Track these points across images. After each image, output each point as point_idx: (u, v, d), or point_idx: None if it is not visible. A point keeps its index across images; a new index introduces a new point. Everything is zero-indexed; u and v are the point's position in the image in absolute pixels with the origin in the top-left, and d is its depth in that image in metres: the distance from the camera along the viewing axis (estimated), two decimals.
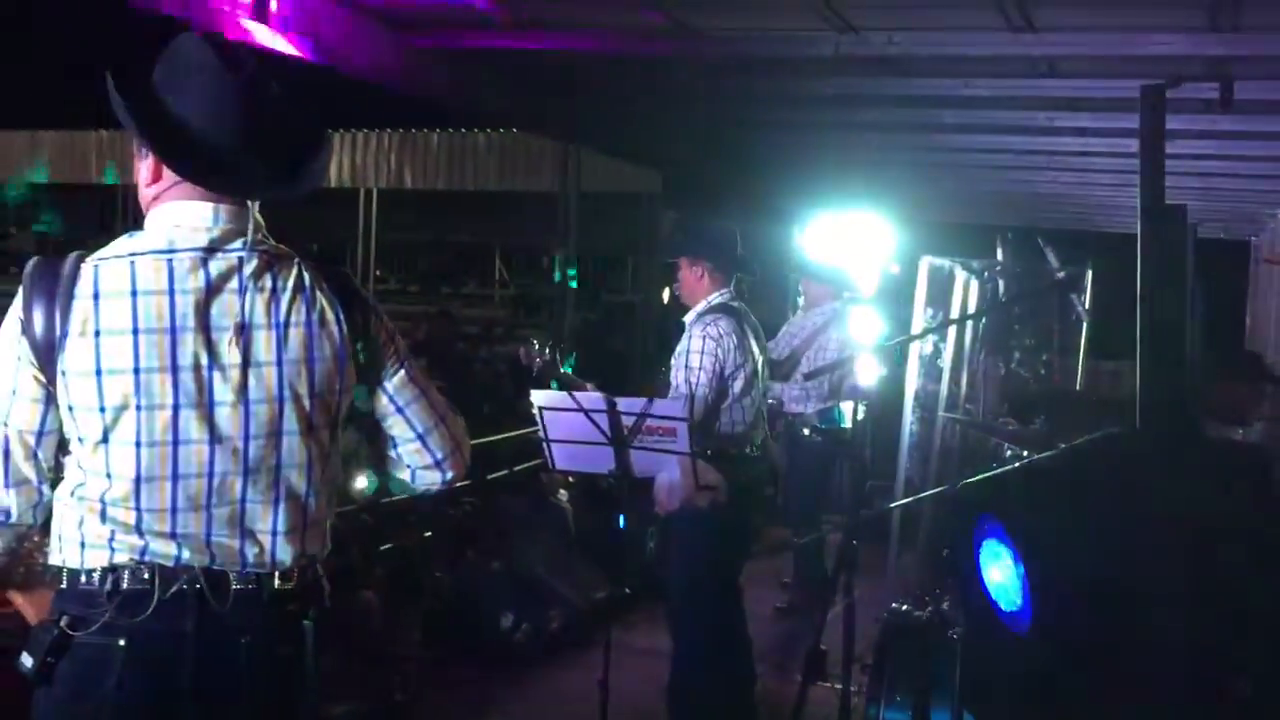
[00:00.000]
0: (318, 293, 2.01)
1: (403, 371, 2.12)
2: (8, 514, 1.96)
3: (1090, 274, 6.89)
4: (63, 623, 1.90)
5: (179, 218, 1.97)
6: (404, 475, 2.17)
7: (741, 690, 4.63)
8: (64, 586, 1.93)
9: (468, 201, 17.87)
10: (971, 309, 5.59)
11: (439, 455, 2.15)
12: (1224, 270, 11.20)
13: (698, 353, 4.22)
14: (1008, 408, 5.23)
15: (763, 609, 5.71)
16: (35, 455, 1.94)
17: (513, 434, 10.32)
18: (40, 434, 1.93)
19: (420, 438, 2.13)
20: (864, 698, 3.84)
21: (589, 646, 3.97)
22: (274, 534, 1.97)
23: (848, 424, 5.28)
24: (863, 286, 5.96)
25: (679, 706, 4.45)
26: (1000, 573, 1.78)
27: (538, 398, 3.84)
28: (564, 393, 3.85)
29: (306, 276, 2.01)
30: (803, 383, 5.27)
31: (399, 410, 2.11)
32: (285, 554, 1.99)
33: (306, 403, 1.98)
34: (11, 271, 20.30)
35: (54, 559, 1.97)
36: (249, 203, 1.99)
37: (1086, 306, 6.24)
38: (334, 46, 5.78)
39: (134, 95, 1.95)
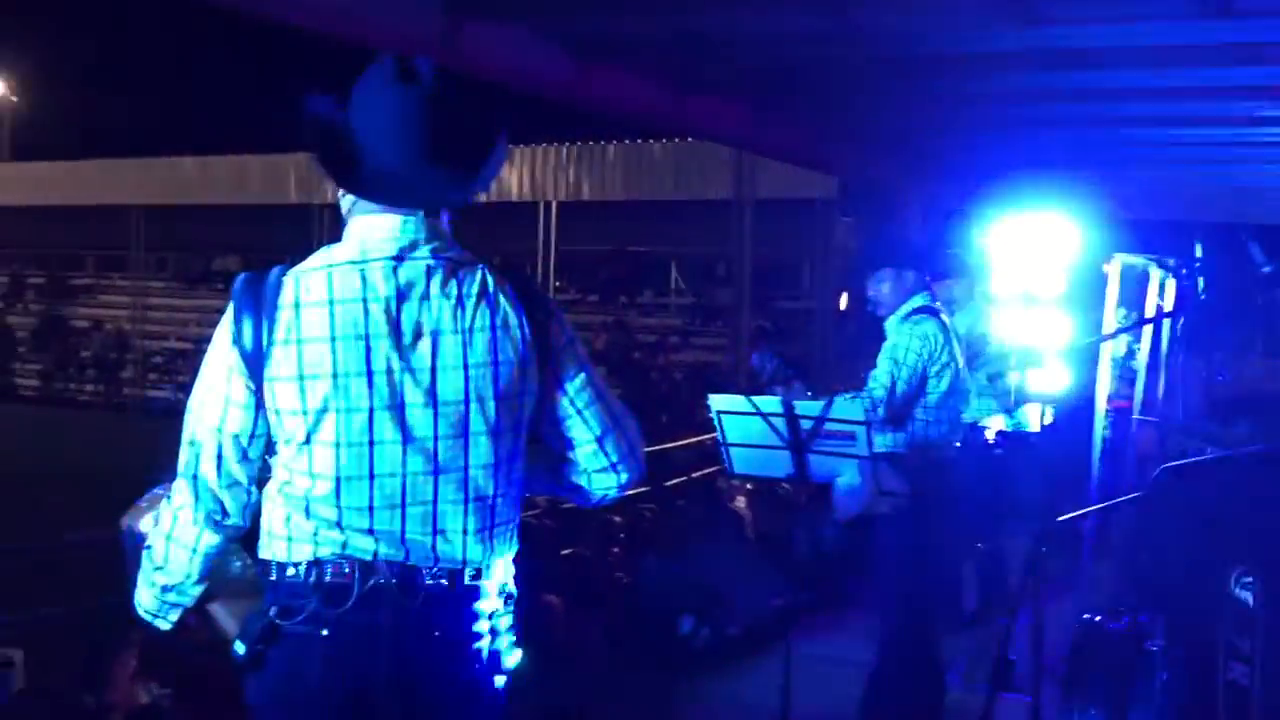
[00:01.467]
0: (501, 298, 2.06)
1: (582, 374, 2.14)
2: (224, 513, 2.07)
3: None
4: (271, 613, 2.00)
5: (370, 229, 2.05)
6: (580, 480, 2.19)
7: (933, 701, 4.53)
8: (273, 578, 2.03)
9: (644, 211, 18.08)
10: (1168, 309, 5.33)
11: (615, 458, 2.16)
12: None
13: (904, 348, 4.18)
14: (1210, 411, 4.96)
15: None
16: (246, 458, 2.04)
17: (690, 440, 10.42)
18: (251, 437, 2.03)
19: (598, 440, 2.15)
20: (1056, 710, 3.70)
21: (767, 653, 3.95)
22: (465, 532, 2.03)
23: (1032, 428, 5.08)
24: (1046, 288, 5.75)
25: (875, 713, 4.37)
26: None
27: (716, 402, 3.85)
28: (742, 396, 3.85)
29: (490, 282, 2.06)
30: (984, 385, 5.10)
31: (578, 412, 2.14)
32: (475, 552, 2.04)
33: (492, 405, 2.03)
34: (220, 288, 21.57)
35: (263, 554, 2.07)
36: (436, 211, 2.07)
37: None
38: (515, 68, 5.98)
39: (320, 122, 2.05)
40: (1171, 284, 5.44)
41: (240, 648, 2.03)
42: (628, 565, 6.27)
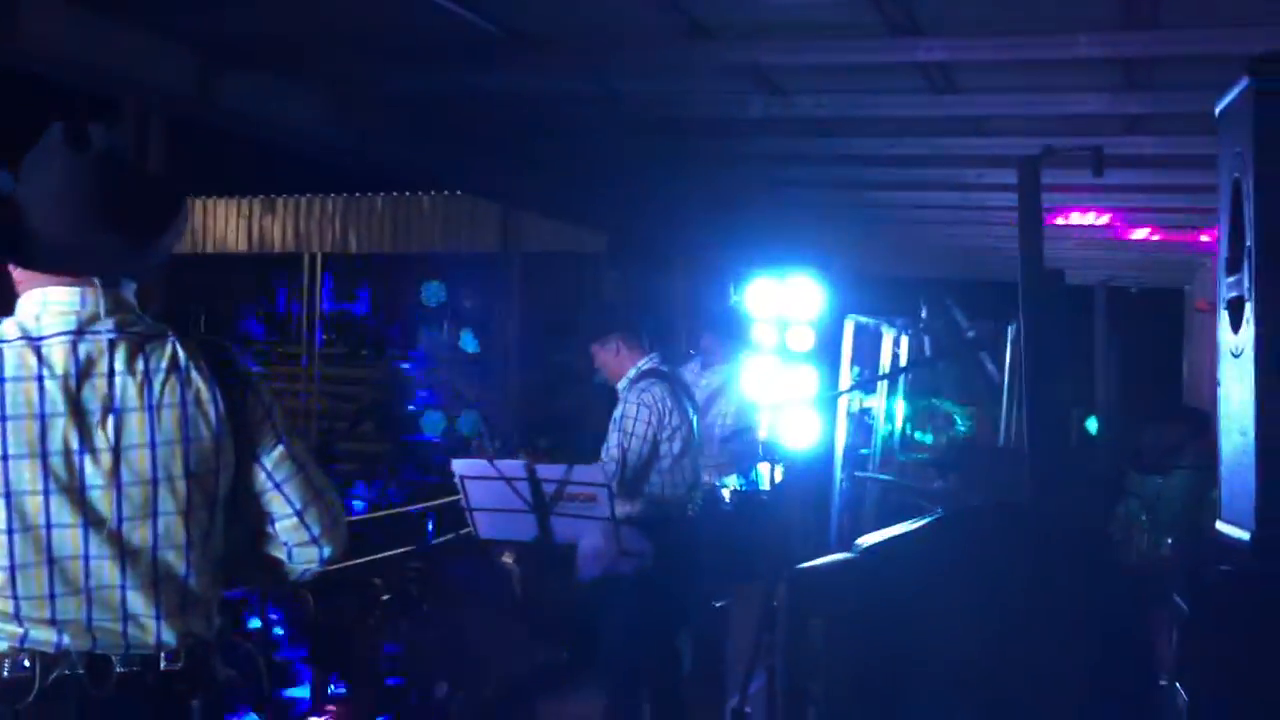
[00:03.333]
0: (193, 371, 2.00)
1: (281, 447, 2.09)
2: None
3: (1016, 329, 7.00)
4: None
5: (45, 302, 1.96)
6: (279, 554, 2.12)
7: None
8: None
9: (414, 264, 17.87)
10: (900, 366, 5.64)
11: (316, 531, 2.11)
12: (1160, 320, 11.39)
13: (631, 418, 4.25)
14: (929, 464, 5.26)
15: None
16: None
17: (455, 498, 10.30)
18: None
19: (298, 514, 2.09)
20: None
21: (520, 715, 3.92)
22: (156, 617, 1.95)
23: (765, 486, 5.25)
24: (797, 343, 5.98)
25: None
26: None
27: (458, 466, 3.83)
28: (484, 461, 3.84)
29: (181, 355, 2.00)
30: (719, 447, 5.24)
31: (276, 486, 2.08)
32: (169, 635, 1.97)
33: (182, 484, 1.97)
34: None
35: None
36: (114, 282, 1.99)
37: (1009, 360, 6.32)
38: (272, 118, 5.82)
39: None
40: (905, 341, 5.76)
41: None
42: (387, 629, 6.11)
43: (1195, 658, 1.85)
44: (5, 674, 1.88)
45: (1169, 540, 4.26)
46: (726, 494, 5.33)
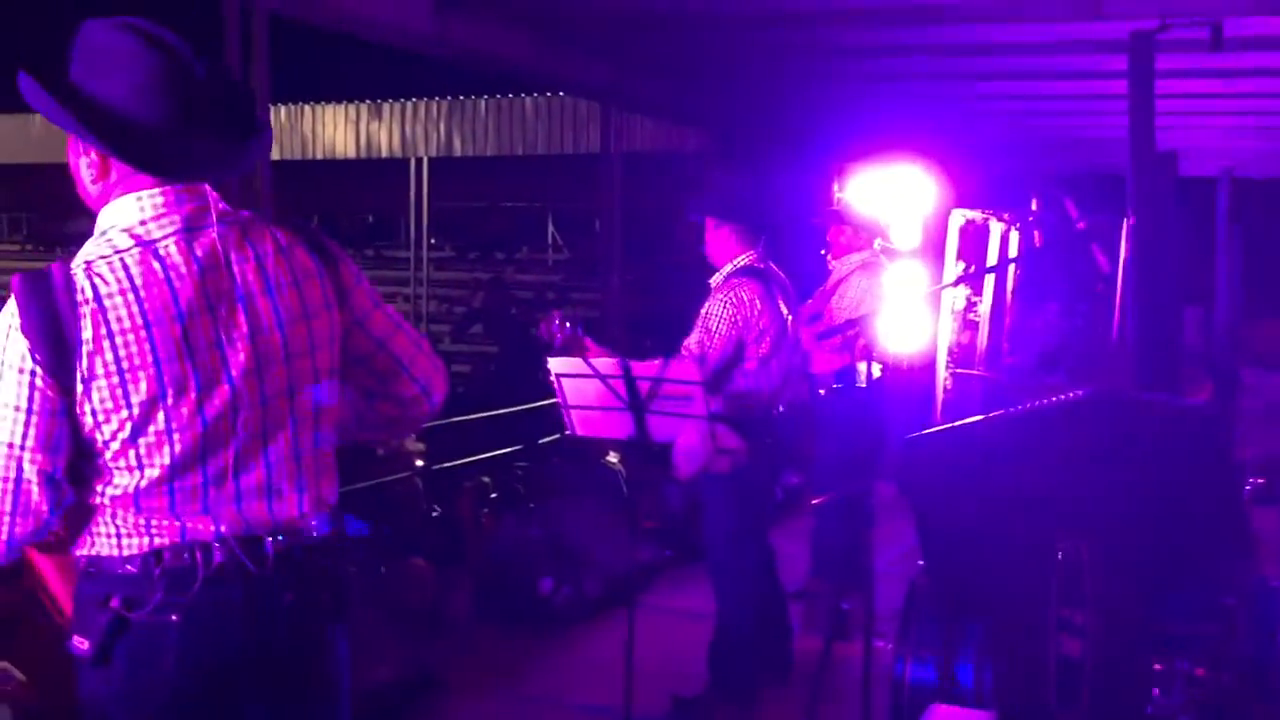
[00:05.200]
0: (295, 251, 2.05)
1: (379, 310, 2.17)
2: (12, 545, 1.94)
3: (1128, 222, 6.69)
4: (114, 604, 1.92)
5: (142, 207, 1.96)
6: (393, 411, 2.21)
7: (778, 649, 4.63)
8: (100, 572, 1.96)
9: (517, 166, 17.87)
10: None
11: (423, 382, 2.21)
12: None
13: (717, 317, 4.20)
14: (1037, 362, 5.11)
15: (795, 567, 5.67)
16: (51, 479, 1.91)
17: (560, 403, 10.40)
18: (56, 451, 1.90)
19: (405, 369, 2.18)
20: (891, 656, 3.80)
21: (631, 610, 3.99)
22: (299, 490, 2.04)
23: (862, 384, 5.15)
24: (904, 239, 5.82)
25: (717, 666, 4.47)
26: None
27: (555, 365, 3.84)
28: (580, 359, 3.84)
29: (280, 237, 2.04)
30: (817, 343, 5.14)
31: (381, 346, 2.16)
32: (309, 505, 2.05)
33: (310, 358, 2.04)
34: None
35: (82, 550, 1.98)
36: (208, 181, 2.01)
37: (1123, 254, 6.05)
38: (373, 18, 5.82)
39: (61, 92, 1.92)
40: (1014, 236, 5.58)
41: (82, 644, 1.94)
42: (497, 526, 6.25)
43: None
44: (168, 566, 1.94)
45: None
46: (822, 392, 5.26)
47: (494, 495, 7.00)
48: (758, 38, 6.87)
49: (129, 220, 1.95)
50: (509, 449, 8.03)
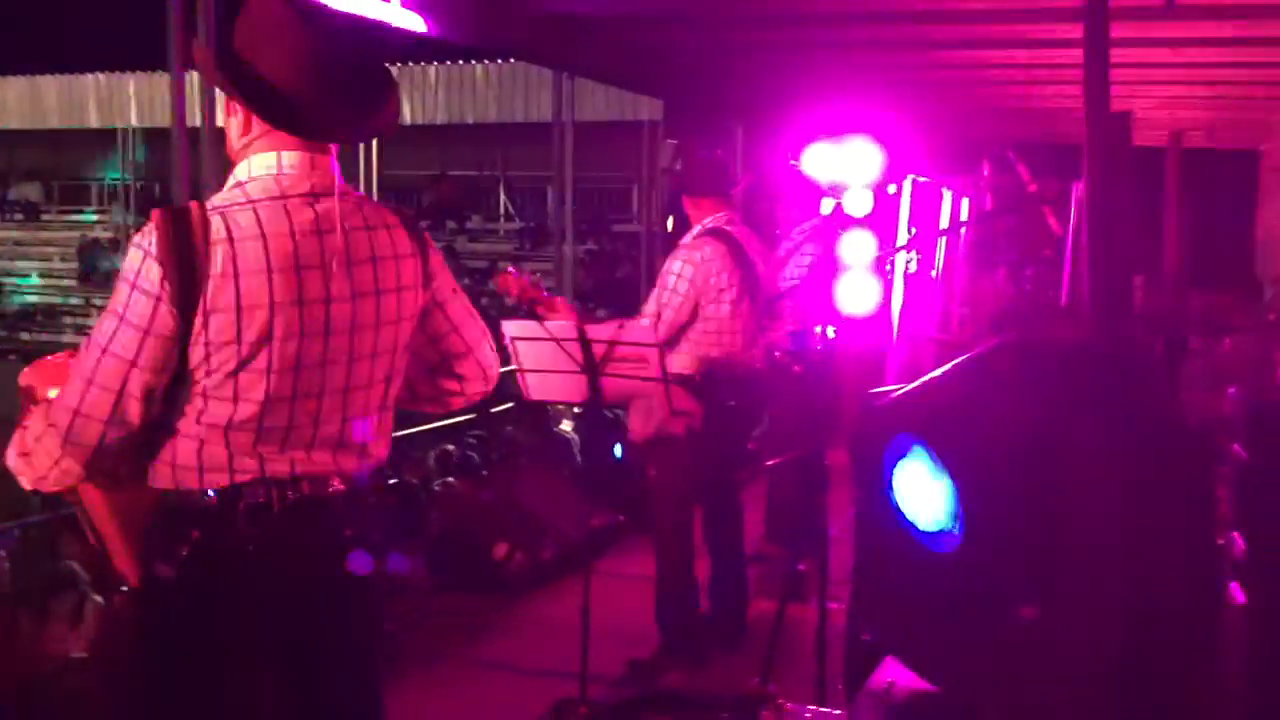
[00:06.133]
0: (398, 229, 2.24)
1: (456, 293, 2.37)
2: (100, 452, 2.07)
3: (1079, 186, 6.77)
4: (196, 534, 2.09)
5: (278, 166, 2.14)
6: (453, 386, 2.41)
7: (733, 613, 4.67)
8: (180, 505, 2.10)
9: (469, 134, 17.75)
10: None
11: (485, 365, 2.42)
12: (1233, 182, 11.01)
13: (674, 274, 4.22)
14: (986, 325, 5.16)
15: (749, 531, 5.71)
16: (150, 397, 2.06)
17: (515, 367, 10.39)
18: (162, 373, 2.05)
19: (473, 352, 2.39)
20: (844, 617, 3.84)
21: (577, 575, 4.00)
22: (367, 441, 2.22)
23: (817, 346, 5.19)
24: (855, 207, 5.85)
25: (665, 627, 4.50)
26: (918, 491, 1.75)
27: (509, 328, 3.81)
28: (534, 322, 3.83)
29: (388, 217, 2.24)
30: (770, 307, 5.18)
31: (454, 329, 2.36)
32: (373, 461, 2.25)
33: (395, 327, 2.22)
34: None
35: (163, 483, 2.12)
36: (329, 149, 2.19)
37: (1073, 219, 6.14)
38: None
39: (224, 55, 2.14)
40: (965, 202, 5.62)
41: (165, 570, 2.09)
42: (452, 493, 6.24)
43: (1254, 506, 1.80)
44: (246, 501, 2.09)
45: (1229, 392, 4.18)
46: (777, 354, 5.29)
47: (448, 462, 7.00)
48: (708, 6, 6.85)
49: (264, 175, 2.13)
50: (461, 417, 8.02)
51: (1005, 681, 1.68)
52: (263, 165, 2.14)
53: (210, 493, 2.10)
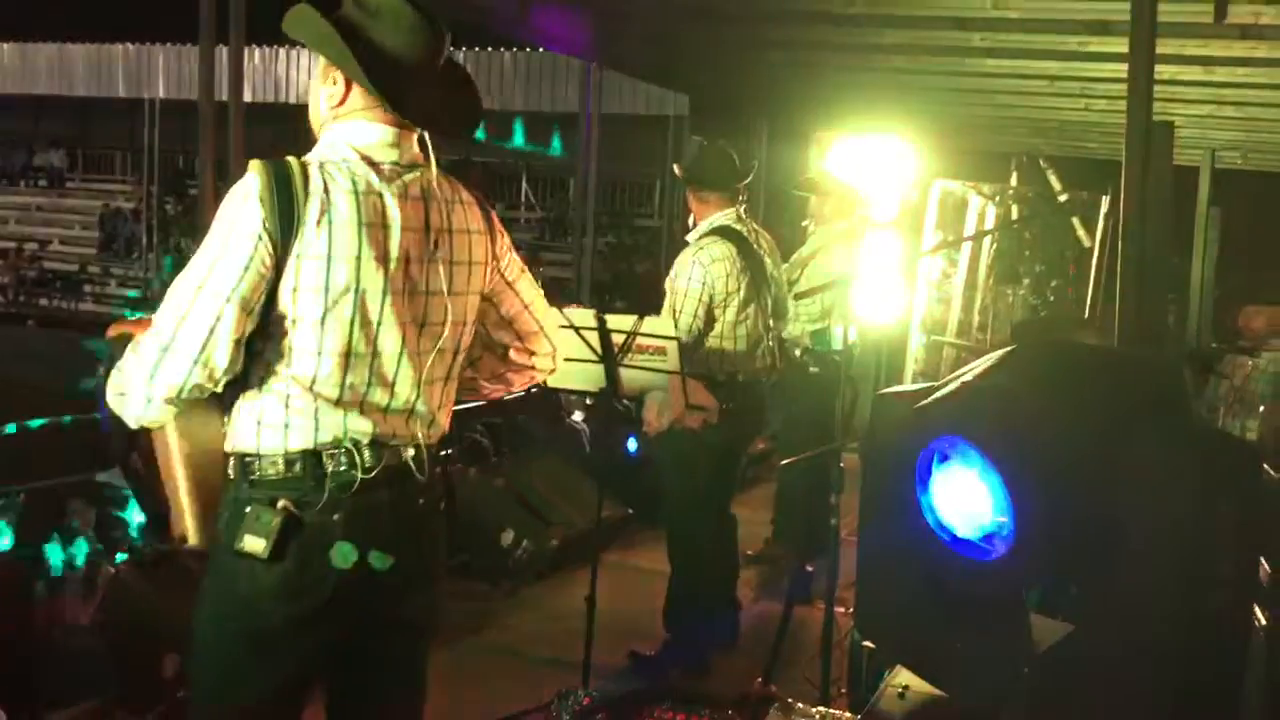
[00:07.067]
0: (476, 207, 2.32)
1: (526, 273, 2.44)
2: (182, 391, 2.07)
3: (1109, 200, 6.71)
4: (281, 504, 2.10)
5: (370, 134, 2.19)
6: (523, 361, 2.47)
7: (724, 618, 4.64)
8: (270, 472, 2.11)
9: (494, 121, 17.73)
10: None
11: (554, 343, 2.51)
12: (1264, 204, 10.93)
13: (684, 276, 4.19)
14: (1009, 334, 5.11)
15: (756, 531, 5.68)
16: (239, 341, 2.07)
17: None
18: (252, 313, 2.07)
19: (542, 329, 2.47)
20: (851, 618, 3.82)
21: (588, 567, 3.98)
22: (440, 409, 2.27)
23: (838, 347, 5.14)
24: (882, 211, 5.80)
25: (672, 625, 4.47)
26: (962, 496, 1.71)
27: None
28: (554, 309, 3.79)
29: (465, 192, 2.31)
30: (793, 303, 5.13)
31: (526, 307, 2.43)
32: (442, 428, 2.29)
33: (466, 298, 2.29)
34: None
35: (245, 446, 2.14)
36: (415, 130, 2.24)
37: (1099, 233, 6.09)
38: None
39: (337, 26, 2.18)
40: (993, 210, 5.57)
41: (256, 542, 2.08)
42: (460, 478, 6.22)
43: None
44: (332, 467, 2.11)
45: (1254, 422, 4.14)
46: (798, 353, 5.26)
47: (461, 451, 6.98)
48: (743, 3, 6.81)
49: (362, 141, 2.18)
50: (472, 404, 8.00)
51: (1039, 694, 1.64)
52: (358, 132, 2.19)
53: (295, 463, 2.11)
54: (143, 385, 2.08)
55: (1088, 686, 1.60)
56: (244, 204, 2.08)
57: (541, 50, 14.74)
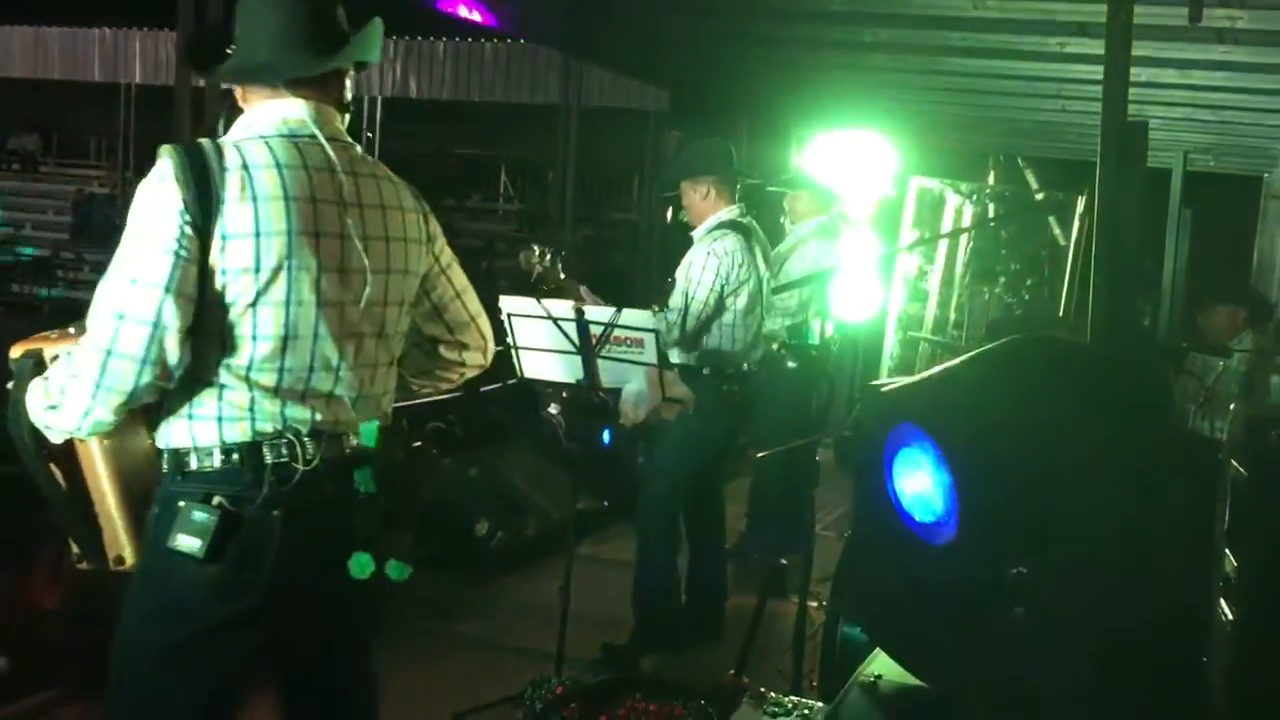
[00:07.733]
0: (401, 187, 2.23)
1: (455, 264, 2.35)
2: (134, 396, 1.98)
3: (1084, 201, 6.76)
4: (218, 501, 2.00)
5: (282, 109, 2.12)
6: (453, 356, 2.38)
7: (711, 608, 4.66)
8: (206, 466, 2.02)
9: (473, 112, 17.67)
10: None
11: (487, 336, 2.42)
12: (1235, 207, 11.04)
13: (700, 266, 4.23)
14: (983, 332, 5.16)
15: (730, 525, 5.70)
16: (186, 332, 1.97)
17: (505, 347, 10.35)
18: (192, 301, 1.97)
19: (474, 319, 2.38)
20: (824, 613, 3.84)
21: (562, 557, 3.99)
22: (384, 394, 2.20)
23: (815, 341, 5.18)
24: (859, 208, 5.84)
25: (641, 614, 4.49)
26: (917, 482, 1.73)
27: (506, 304, 3.80)
28: (532, 300, 3.81)
29: (385, 169, 2.21)
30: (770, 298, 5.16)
31: (457, 295, 2.35)
32: (386, 413, 2.21)
33: (402, 277, 2.20)
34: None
35: (179, 442, 2.04)
36: (331, 101, 2.17)
37: (1074, 234, 6.14)
38: None
39: (216, 55, 2.18)
40: (970, 208, 5.60)
41: (192, 542, 1.98)
42: (436, 471, 6.21)
43: (1249, 524, 1.80)
44: (271, 460, 2.02)
45: (1223, 423, 4.20)
46: (775, 346, 5.29)
47: (435, 440, 6.96)
48: (724, 2, 6.81)
49: (269, 117, 2.11)
50: (448, 394, 7.97)
51: (994, 676, 1.67)
52: (274, 110, 2.12)
53: (232, 454, 2.02)
54: (83, 396, 1.96)
55: (1040, 675, 1.63)
56: (160, 185, 1.99)
57: (522, 41, 14.68)
